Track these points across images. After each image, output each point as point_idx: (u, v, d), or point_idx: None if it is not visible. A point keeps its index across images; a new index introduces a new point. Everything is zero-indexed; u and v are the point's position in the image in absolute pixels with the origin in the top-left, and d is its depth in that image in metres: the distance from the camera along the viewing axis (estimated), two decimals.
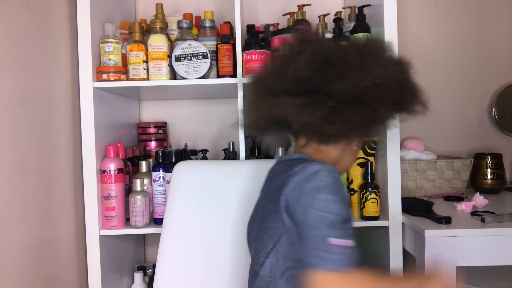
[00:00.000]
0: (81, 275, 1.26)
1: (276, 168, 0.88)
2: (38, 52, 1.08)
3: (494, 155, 1.53)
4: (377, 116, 0.83)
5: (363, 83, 0.80)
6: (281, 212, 0.76)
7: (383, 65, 0.83)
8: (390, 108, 0.85)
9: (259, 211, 0.86)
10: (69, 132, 1.22)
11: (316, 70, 0.81)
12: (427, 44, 1.68)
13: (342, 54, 0.83)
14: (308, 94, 0.82)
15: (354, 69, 0.81)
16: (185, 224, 1.08)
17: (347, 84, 0.79)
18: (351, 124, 0.81)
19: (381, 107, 0.82)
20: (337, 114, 0.80)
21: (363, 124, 0.82)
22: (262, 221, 0.82)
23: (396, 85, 0.83)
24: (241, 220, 1.08)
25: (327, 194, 0.73)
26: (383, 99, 0.82)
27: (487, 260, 1.05)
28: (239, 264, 1.04)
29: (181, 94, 1.53)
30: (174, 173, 1.13)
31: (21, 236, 0.98)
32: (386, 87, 0.82)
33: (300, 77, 0.82)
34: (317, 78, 0.81)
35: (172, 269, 1.05)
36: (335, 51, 0.84)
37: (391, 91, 0.82)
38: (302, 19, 1.45)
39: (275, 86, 0.86)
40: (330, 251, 0.69)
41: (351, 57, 0.83)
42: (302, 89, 0.83)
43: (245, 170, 1.13)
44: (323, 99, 0.80)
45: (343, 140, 0.88)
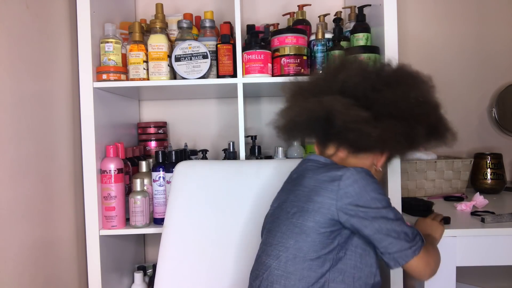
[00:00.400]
0: (81, 275, 1.26)
1: (305, 168, 0.89)
2: (38, 52, 1.08)
3: (494, 155, 1.53)
4: (413, 133, 0.87)
5: (410, 96, 0.86)
6: (323, 215, 0.78)
7: (429, 88, 0.91)
8: (426, 129, 0.89)
9: (284, 206, 0.86)
10: (69, 132, 1.22)
11: (367, 78, 0.89)
12: (427, 44, 1.68)
13: (393, 70, 0.92)
14: (355, 99, 0.87)
15: (403, 84, 0.88)
16: (186, 223, 1.08)
17: (394, 94, 0.86)
18: (389, 135, 0.84)
19: (418, 126, 0.87)
20: (379, 121, 0.84)
21: (398, 138, 0.86)
22: (287, 217, 0.83)
23: (435, 110, 0.91)
24: (242, 220, 1.08)
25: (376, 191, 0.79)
26: (422, 118, 0.87)
27: (487, 260, 1.05)
28: (240, 264, 1.04)
29: (181, 94, 1.53)
30: (175, 173, 1.13)
31: (21, 236, 0.98)
32: (427, 108, 0.89)
33: (350, 82, 0.89)
34: (366, 85, 0.88)
35: (173, 269, 1.06)
36: (386, 66, 0.94)
37: (428, 113, 0.89)
38: (302, 19, 1.45)
39: (322, 88, 0.92)
40: (407, 241, 0.77)
41: (401, 74, 0.91)
42: (349, 93, 0.88)
43: (246, 170, 1.13)
44: (367, 105, 0.86)
45: (374, 153, 0.91)
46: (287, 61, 1.22)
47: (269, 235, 0.86)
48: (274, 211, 0.91)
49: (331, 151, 0.92)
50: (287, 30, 1.24)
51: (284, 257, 0.80)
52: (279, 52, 1.23)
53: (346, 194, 0.78)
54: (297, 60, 1.22)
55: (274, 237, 0.84)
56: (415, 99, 0.87)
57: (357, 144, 0.88)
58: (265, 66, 1.23)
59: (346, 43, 1.30)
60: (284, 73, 1.22)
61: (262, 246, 0.88)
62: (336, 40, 1.27)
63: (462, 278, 1.63)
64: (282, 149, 1.35)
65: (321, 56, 1.25)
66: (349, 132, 0.85)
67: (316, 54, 1.25)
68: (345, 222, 0.79)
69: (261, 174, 1.12)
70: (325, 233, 0.78)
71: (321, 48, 1.25)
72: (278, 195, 0.95)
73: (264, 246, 0.87)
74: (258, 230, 1.06)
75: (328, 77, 0.94)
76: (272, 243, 0.83)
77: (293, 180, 0.91)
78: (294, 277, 0.78)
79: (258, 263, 0.86)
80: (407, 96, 0.87)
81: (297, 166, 0.96)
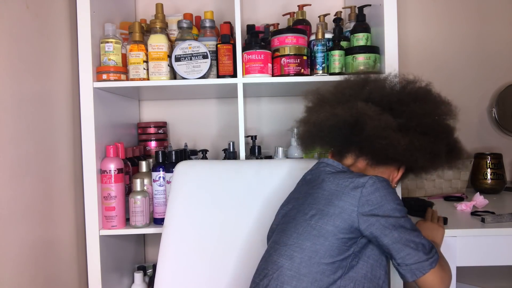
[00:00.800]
0: (81, 275, 1.26)
1: (323, 171, 0.90)
2: (38, 52, 1.08)
3: (494, 155, 1.53)
4: (435, 149, 0.89)
5: (435, 113, 0.91)
6: (343, 220, 0.79)
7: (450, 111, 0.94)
8: (444, 147, 0.91)
9: (302, 208, 0.85)
10: (69, 132, 1.22)
11: (394, 91, 0.95)
12: (427, 44, 1.68)
13: (418, 87, 0.96)
14: (383, 108, 0.90)
15: (430, 101, 0.93)
16: (187, 223, 1.09)
17: (421, 109, 0.89)
18: (415, 147, 0.86)
19: (440, 143, 0.90)
20: (406, 133, 0.87)
21: (423, 152, 0.87)
22: (305, 218, 0.82)
23: (453, 132, 0.94)
24: (242, 220, 1.08)
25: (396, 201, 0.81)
26: (444, 137, 0.91)
27: (487, 260, 1.05)
28: (240, 263, 1.04)
29: (181, 94, 1.53)
30: (176, 172, 1.14)
31: (21, 236, 0.98)
32: (449, 128, 0.93)
33: (377, 93, 0.93)
34: (393, 97, 0.92)
35: (173, 269, 1.06)
36: (411, 83, 0.97)
37: (450, 134, 0.93)
38: (302, 19, 1.45)
39: (348, 98, 0.94)
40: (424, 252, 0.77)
41: (426, 91, 0.95)
42: (376, 104, 0.91)
43: (247, 170, 1.13)
44: (394, 117, 0.89)
45: (392, 167, 0.93)
46: (287, 61, 1.22)
47: (283, 235, 0.85)
48: (290, 211, 0.90)
49: (349, 161, 0.93)
50: (287, 30, 1.24)
51: (298, 258, 0.79)
52: (279, 52, 1.23)
53: (368, 202, 0.78)
54: (297, 60, 1.22)
55: (290, 237, 0.83)
56: (439, 117, 0.91)
57: (382, 153, 0.88)
58: (265, 66, 1.23)
59: (346, 43, 1.30)
60: (284, 73, 1.23)
61: (273, 245, 0.87)
62: (336, 40, 1.28)
63: (462, 278, 1.63)
64: (282, 149, 1.35)
65: (321, 56, 1.25)
66: (377, 139, 0.86)
67: (316, 54, 1.25)
68: (364, 230, 0.78)
69: (261, 174, 1.12)
70: (343, 239, 0.78)
71: (321, 48, 1.25)
72: (292, 196, 0.95)
73: (276, 245, 0.86)
74: (259, 230, 1.06)
75: (355, 87, 0.96)
76: (287, 243, 0.82)
77: (310, 182, 0.90)
78: (307, 279, 0.77)
79: (267, 262, 0.85)
80: (433, 112, 0.91)
81: (312, 168, 0.95)
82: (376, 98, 0.92)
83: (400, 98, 0.92)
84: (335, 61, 1.24)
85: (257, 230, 1.06)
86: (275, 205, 1.06)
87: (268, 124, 1.66)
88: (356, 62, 1.21)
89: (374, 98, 0.92)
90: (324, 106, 0.95)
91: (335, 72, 1.24)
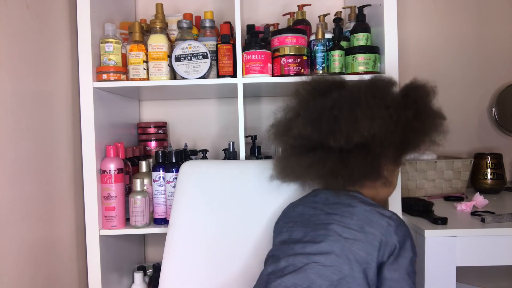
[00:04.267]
0: (81, 275, 1.26)
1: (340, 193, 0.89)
2: (38, 52, 1.08)
3: (494, 155, 1.53)
4: (383, 159, 0.87)
5: (354, 138, 0.84)
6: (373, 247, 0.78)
7: (375, 114, 0.85)
8: (397, 148, 0.88)
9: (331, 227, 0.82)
10: (69, 132, 1.22)
11: (314, 130, 0.89)
12: (427, 44, 1.68)
13: (330, 114, 0.88)
14: (314, 151, 0.89)
15: (344, 125, 0.85)
16: (192, 223, 1.09)
17: (339, 141, 0.85)
18: (357, 174, 0.86)
19: (384, 151, 0.87)
20: (343, 164, 0.86)
21: (371, 170, 0.87)
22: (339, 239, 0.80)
23: (398, 127, 0.86)
24: (248, 220, 1.08)
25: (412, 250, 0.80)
26: (386, 143, 0.85)
27: (487, 260, 1.05)
28: (245, 263, 1.04)
29: (181, 94, 1.53)
30: (181, 172, 1.14)
31: (21, 236, 0.98)
32: (384, 133, 0.85)
33: (304, 135, 0.90)
34: (317, 135, 0.89)
35: (178, 267, 1.05)
36: (324, 111, 0.89)
37: (392, 135, 0.86)
38: (302, 19, 1.45)
39: (285, 145, 0.96)
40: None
41: (340, 115, 0.87)
42: (307, 147, 0.91)
43: (252, 171, 1.13)
44: (326, 154, 0.87)
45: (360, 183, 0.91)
46: (287, 61, 1.22)
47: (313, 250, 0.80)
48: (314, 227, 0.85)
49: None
50: (287, 30, 1.24)
51: (336, 281, 0.76)
52: (279, 52, 1.23)
53: (396, 232, 0.79)
54: (297, 60, 1.22)
55: (327, 257, 0.78)
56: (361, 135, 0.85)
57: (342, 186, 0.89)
58: (265, 66, 1.23)
59: (346, 43, 1.30)
60: (284, 73, 1.23)
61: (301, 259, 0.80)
62: (336, 40, 1.28)
63: (462, 278, 1.63)
64: None
65: (321, 56, 1.25)
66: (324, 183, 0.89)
67: (316, 54, 1.25)
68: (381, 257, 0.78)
69: (266, 175, 1.12)
70: (375, 269, 0.77)
71: (321, 48, 1.25)
72: (305, 211, 0.91)
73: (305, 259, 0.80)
74: (264, 231, 1.06)
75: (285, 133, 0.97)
76: (325, 264, 0.78)
77: (330, 204, 0.88)
78: None
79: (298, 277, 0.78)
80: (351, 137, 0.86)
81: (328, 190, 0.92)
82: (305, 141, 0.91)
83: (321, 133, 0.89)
84: (335, 61, 1.24)
85: (262, 230, 1.06)
86: (280, 205, 1.06)
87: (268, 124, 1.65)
88: (356, 62, 1.21)
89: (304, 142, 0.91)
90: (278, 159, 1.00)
91: (335, 72, 1.24)
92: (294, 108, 0.98)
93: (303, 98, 0.97)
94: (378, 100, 0.88)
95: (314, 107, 0.92)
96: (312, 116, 0.90)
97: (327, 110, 0.89)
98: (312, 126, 0.89)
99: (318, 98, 0.94)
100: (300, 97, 0.98)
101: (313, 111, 0.91)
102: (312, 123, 0.90)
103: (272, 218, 1.07)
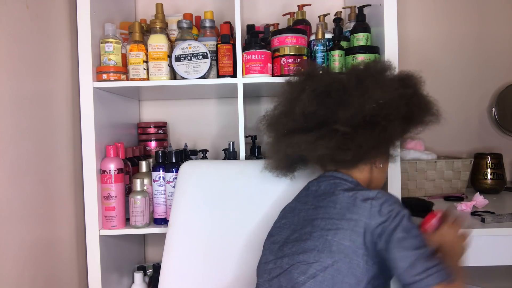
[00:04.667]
0: (81, 275, 1.26)
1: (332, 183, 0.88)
2: (38, 52, 1.08)
3: (494, 155, 1.53)
4: (389, 134, 0.86)
5: (366, 106, 0.84)
6: (357, 234, 0.76)
7: (384, 85, 0.87)
8: (401, 123, 0.87)
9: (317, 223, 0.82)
10: (69, 132, 1.22)
11: (320, 104, 0.87)
12: (427, 44, 1.68)
13: (340, 84, 0.89)
14: (319, 128, 0.87)
15: (355, 95, 0.86)
16: (191, 223, 1.09)
17: (350, 110, 0.84)
18: (366, 147, 0.84)
19: (391, 125, 0.85)
20: (350, 140, 0.84)
21: (377, 145, 0.86)
22: (322, 233, 0.79)
23: (402, 101, 0.86)
24: (247, 220, 1.08)
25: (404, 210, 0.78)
26: (392, 116, 0.85)
27: (487, 260, 1.05)
28: (245, 264, 1.04)
29: (181, 94, 1.53)
30: (181, 172, 1.14)
31: (21, 236, 0.98)
32: (391, 105, 0.85)
33: (308, 112, 0.88)
34: (323, 110, 0.87)
35: (178, 267, 1.06)
36: (333, 83, 0.90)
37: (398, 108, 0.85)
38: (302, 19, 1.45)
39: (288, 126, 0.92)
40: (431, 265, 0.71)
41: (349, 85, 0.88)
42: (312, 124, 0.88)
43: (251, 171, 1.13)
44: (333, 129, 0.85)
45: (363, 163, 0.90)
46: (287, 61, 1.22)
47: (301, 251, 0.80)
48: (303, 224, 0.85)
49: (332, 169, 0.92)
50: (287, 30, 1.24)
51: (320, 277, 0.75)
52: (279, 52, 1.23)
53: (379, 213, 0.76)
54: (297, 60, 1.22)
55: (310, 254, 0.78)
56: (374, 103, 0.84)
57: (342, 167, 0.89)
58: (265, 66, 1.23)
59: (346, 43, 1.30)
60: (284, 73, 1.23)
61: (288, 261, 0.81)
62: (336, 40, 1.27)
63: None
64: None
65: (321, 56, 1.25)
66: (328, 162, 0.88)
67: (316, 54, 1.25)
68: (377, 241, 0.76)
69: (266, 174, 1.12)
70: (363, 256, 0.75)
71: (321, 48, 1.25)
72: (296, 206, 0.92)
73: (293, 261, 0.80)
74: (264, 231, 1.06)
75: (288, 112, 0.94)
76: (308, 261, 0.78)
77: (319, 195, 0.87)
78: None
79: (284, 278, 0.80)
80: (363, 107, 0.84)
81: (320, 180, 0.92)
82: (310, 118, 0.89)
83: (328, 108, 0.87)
84: (335, 61, 1.24)
85: (261, 230, 1.06)
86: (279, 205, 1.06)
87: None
88: (356, 62, 1.21)
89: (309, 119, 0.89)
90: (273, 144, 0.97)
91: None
92: (296, 87, 0.95)
93: (306, 77, 0.96)
94: (384, 75, 0.90)
95: (321, 81, 0.91)
96: (318, 90, 0.89)
97: (336, 82, 0.89)
98: (318, 100, 0.88)
99: (324, 75, 0.95)
100: (302, 77, 0.97)
101: (320, 84, 0.90)
102: (318, 97, 0.88)
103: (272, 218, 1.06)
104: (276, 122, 0.97)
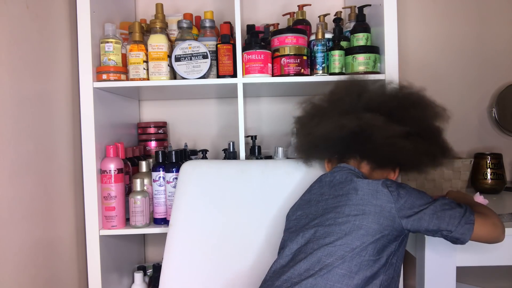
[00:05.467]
0: (81, 275, 1.26)
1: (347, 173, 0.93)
2: (38, 52, 1.08)
3: (494, 155, 1.53)
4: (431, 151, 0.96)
5: (431, 116, 0.98)
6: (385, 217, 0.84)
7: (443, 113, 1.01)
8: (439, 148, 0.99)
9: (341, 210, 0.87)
10: (69, 132, 1.22)
11: (392, 97, 0.99)
12: (427, 44, 1.68)
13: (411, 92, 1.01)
14: (388, 117, 0.94)
15: (427, 105, 0.99)
16: (192, 222, 1.09)
17: (421, 113, 0.97)
18: (419, 150, 0.93)
19: (435, 144, 0.98)
20: (409, 139, 0.93)
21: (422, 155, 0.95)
22: (348, 219, 0.85)
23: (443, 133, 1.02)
24: (248, 219, 1.08)
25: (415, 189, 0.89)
26: (438, 138, 0.99)
27: (487, 260, 1.05)
28: (246, 262, 1.04)
29: (181, 94, 1.53)
30: (181, 172, 1.14)
31: (21, 236, 0.98)
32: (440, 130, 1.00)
33: (377, 100, 0.98)
34: (392, 104, 0.97)
35: (178, 267, 1.05)
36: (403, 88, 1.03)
37: (441, 134, 1.01)
38: (302, 19, 1.45)
39: (346, 107, 0.98)
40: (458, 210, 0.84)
41: (419, 95, 1.00)
42: (376, 109, 0.95)
43: (252, 171, 1.13)
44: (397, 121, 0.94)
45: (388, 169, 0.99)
46: (287, 61, 1.22)
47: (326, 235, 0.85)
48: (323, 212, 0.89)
49: (352, 165, 0.98)
50: (287, 30, 1.24)
51: (349, 257, 0.81)
52: (279, 52, 1.23)
53: (399, 195, 0.85)
54: (297, 60, 1.22)
55: (338, 237, 0.84)
56: (433, 120, 0.98)
57: (389, 159, 0.96)
58: (265, 66, 1.23)
59: (346, 43, 1.30)
60: (284, 73, 1.23)
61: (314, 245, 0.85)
62: (336, 40, 1.28)
63: (462, 278, 1.63)
64: (282, 149, 1.35)
65: (321, 56, 1.25)
66: (385, 147, 0.92)
67: (316, 54, 1.25)
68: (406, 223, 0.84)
69: (266, 174, 1.12)
70: (388, 235, 0.83)
71: (321, 48, 1.25)
72: (311, 197, 0.95)
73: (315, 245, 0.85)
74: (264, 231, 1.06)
75: (352, 95, 1.00)
76: (335, 244, 0.83)
77: (336, 184, 0.92)
78: (358, 277, 0.80)
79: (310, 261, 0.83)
80: (429, 116, 0.98)
81: (334, 171, 0.96)
82: (374, 105, 0.97)
83: (398, 104, 0.97)
84: (335, 61, 1.24)
85: (262, 230, 1.06)
86: (280, 205, 1.06)
87: (268, 124, 1.66)
88: (356, 62, 1.21)
89: (372, 105, 0.97)
90: (323, 117, 1.00)
91: (335, 72, 1.24)
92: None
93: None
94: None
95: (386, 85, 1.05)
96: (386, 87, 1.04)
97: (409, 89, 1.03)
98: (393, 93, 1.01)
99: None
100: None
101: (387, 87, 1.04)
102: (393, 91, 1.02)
103: (273, 218, 1.07)
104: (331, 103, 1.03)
